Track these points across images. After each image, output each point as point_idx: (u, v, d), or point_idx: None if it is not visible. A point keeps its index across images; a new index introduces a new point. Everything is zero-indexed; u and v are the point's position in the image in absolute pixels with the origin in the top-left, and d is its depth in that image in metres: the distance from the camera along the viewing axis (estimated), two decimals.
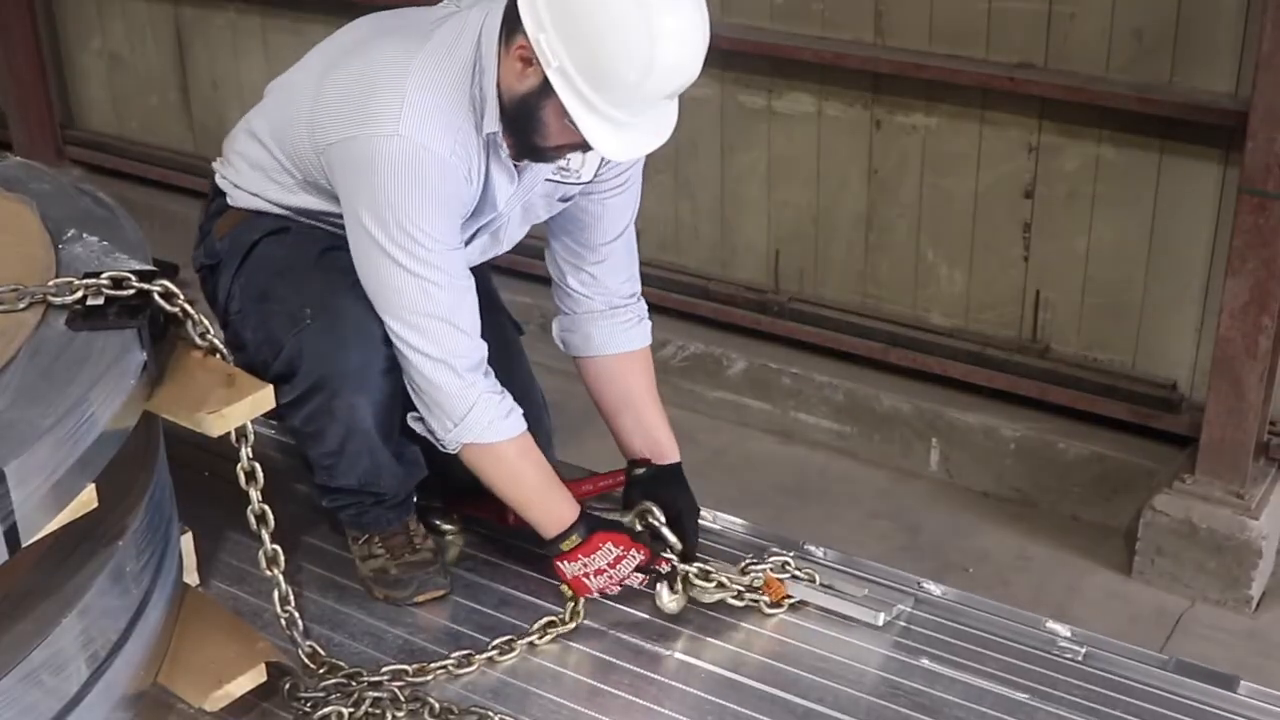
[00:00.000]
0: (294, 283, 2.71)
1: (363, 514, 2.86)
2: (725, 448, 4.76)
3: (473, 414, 2.63)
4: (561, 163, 2.74)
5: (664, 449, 3.01)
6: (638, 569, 2.76)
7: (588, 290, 2.99)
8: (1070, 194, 4.25)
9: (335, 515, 2.90)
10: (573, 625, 2.72)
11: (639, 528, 2.83)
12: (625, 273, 3.00)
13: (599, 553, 2.73)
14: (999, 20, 4.22)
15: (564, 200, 2.85)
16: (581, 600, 2.76)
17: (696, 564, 2.79)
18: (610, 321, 3.00)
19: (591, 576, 2.74)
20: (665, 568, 2.77)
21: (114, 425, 2.17)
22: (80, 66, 6.55)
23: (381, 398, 2.69)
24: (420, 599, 2.82)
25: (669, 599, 2.76)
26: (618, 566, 2.74)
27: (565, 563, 2.74)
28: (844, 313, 4.74)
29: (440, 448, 2.71)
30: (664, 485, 2.95)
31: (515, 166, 2.68)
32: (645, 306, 3.07)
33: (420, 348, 2.60)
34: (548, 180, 2.78)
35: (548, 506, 2.76)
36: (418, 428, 2.71)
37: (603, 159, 2.74)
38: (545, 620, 2.71)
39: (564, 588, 2.77)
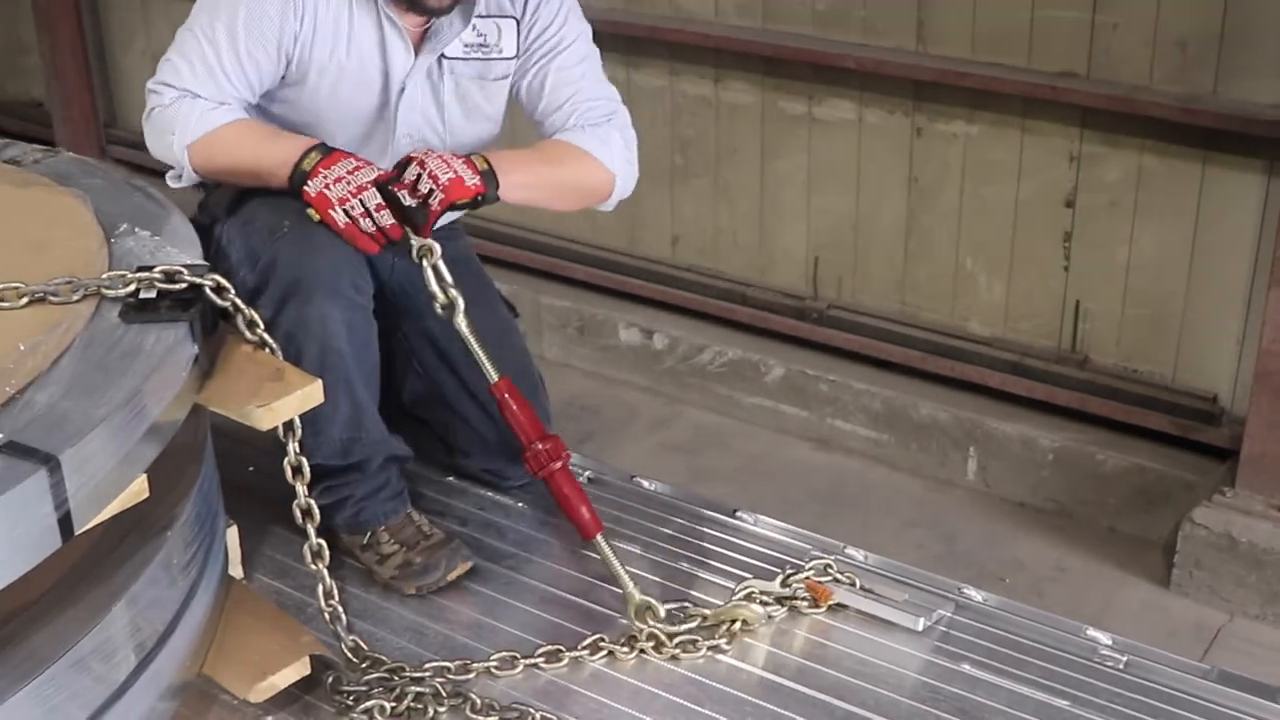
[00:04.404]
0: (276, 205, 2.77)
1: (359, 511, 2.87)
2: (762, 454, 4.76)
3: (182, 109, 2.76)
4: (478, 39, 2.90)
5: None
6: (378, 184, 2.68)
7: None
8: (1112, 204, 4.24)
9: (332, 522, 2.83)
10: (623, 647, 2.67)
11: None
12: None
13: (338, 164, 2.69)
14: (1041, 29, 4.22)
15: (499, 79, 2.96)
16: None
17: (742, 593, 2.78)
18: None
19: (331, 186, 2.67)
20: (410, 199, 2.69)
21: (165, 417, 2.18)
22: (124, 67, 6.61)
23: (354, 317, 2.73)
24: (452, 577, 2.82)
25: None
26: (354, 176, 2.68)
27: (309, 183, 2.69)
28: (882, 320, 4.74)
29: (175, 184, 2.84)
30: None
31: (414, 47, 2.85)
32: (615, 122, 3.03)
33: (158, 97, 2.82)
34: (468, 59, 2.92)
35: (281, 144, 2.77)
36: (172, 183, 2.86)
37: (520, 28, 2.94)
38: (595, 637, 2.67)
39: (311, 212, 2.71)
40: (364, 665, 2.56)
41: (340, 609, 2.62)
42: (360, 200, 2.67)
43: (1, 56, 7.20)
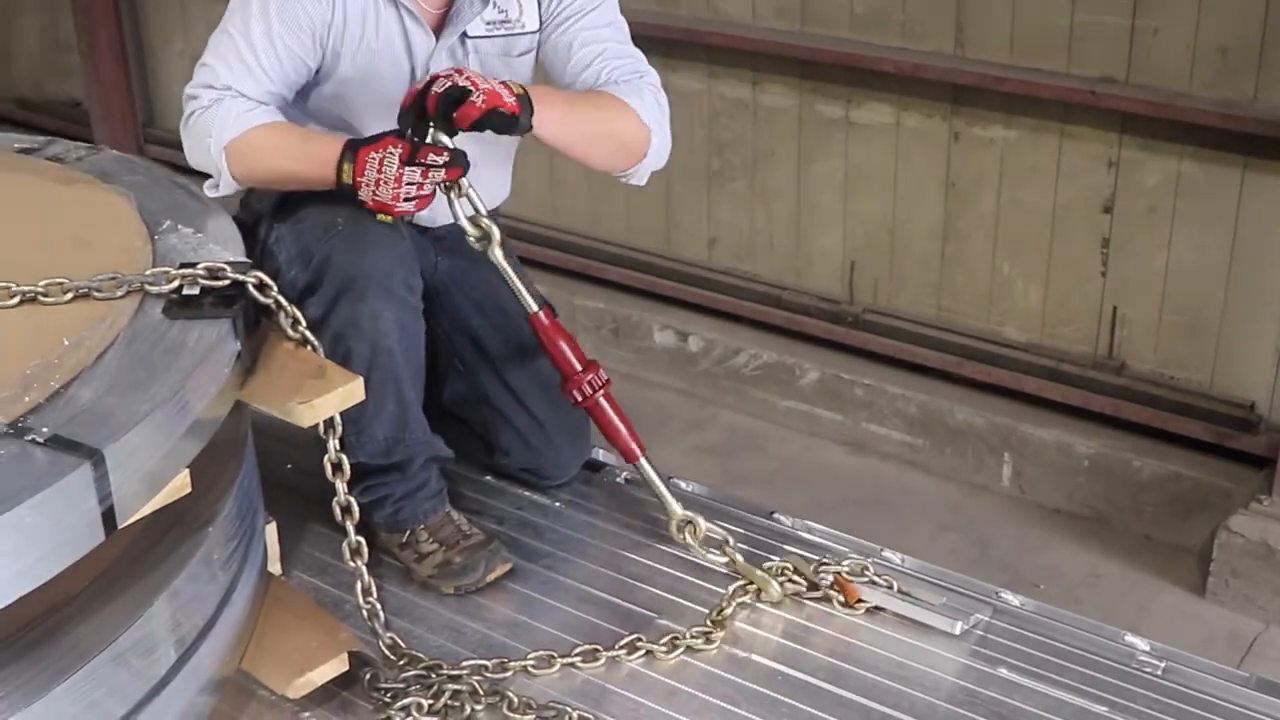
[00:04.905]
0: (329, 203, 2.77)
1: (398, 510, 2.87)
2: (796, 458, 4.76)
3: (220, 111, 2.73)
4: (499, 15, 2.91)
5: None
6: (406, 161, 2.62)
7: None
8: (1150, 210, 4.22)
9: (371, 519, 2.83)
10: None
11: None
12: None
13: (368, 168, 2.66)
14: (1081, 34, 4.21)
15: (523, 54, 2.97)
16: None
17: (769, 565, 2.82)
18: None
19: (378, 189, 2.65)
20: (437, 158, 2.64)
21: (208, 413, 2.20)
22: (163, 66, 6.65)
23: (405, 316, 2.73)
24: (491, 578, 2.83)
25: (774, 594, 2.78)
26: (384, 170, 2.65)
27: (359, 194, 2.68)
28: (918, 325, 4.74)
29: (213, 193, 2.83)
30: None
31: (434, 29, 2.86)
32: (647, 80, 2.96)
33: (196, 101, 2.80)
34: (490, 37, 2.93)
35: (315, 156, 2.72)
36: (210, 192, 2.84)
37: (541, 1, 2.93)
38: (633, 637, 2.66)
39: (382, 217, 2.69)
40: (401, 662, 2.57)
41: (378, 606, 2.63)
42: (409, 185, 2.64)
43: (41, 56, 7.26)
